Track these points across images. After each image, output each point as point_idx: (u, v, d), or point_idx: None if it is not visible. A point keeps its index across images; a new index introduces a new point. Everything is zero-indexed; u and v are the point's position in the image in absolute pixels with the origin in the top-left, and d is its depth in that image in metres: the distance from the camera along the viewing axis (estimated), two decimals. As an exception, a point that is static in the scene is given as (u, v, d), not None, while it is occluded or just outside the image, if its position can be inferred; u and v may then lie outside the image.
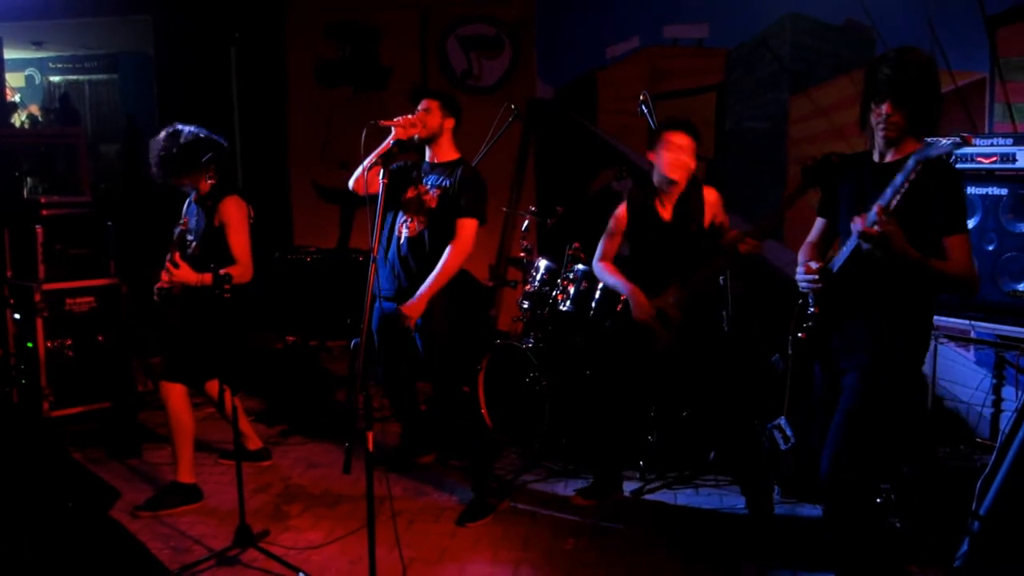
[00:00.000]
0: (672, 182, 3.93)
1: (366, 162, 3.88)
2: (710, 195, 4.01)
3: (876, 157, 2.85)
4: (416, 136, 3.99)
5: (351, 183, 4.06)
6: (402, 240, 4.06)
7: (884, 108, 2.70)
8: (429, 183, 4.06)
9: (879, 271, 2.74)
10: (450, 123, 4.09)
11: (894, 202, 2.59)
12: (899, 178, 2.58)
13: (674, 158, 3.89)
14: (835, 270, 2.87)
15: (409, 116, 3.99)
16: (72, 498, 3.83)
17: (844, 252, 2.83)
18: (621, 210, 4.13)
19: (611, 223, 4.17)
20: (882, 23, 5.28)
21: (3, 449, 3.85)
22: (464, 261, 4.00)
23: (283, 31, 7.28)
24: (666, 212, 4.00)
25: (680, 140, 3.89)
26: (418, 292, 3.94)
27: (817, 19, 5.58)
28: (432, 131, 4.04)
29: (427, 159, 4.14)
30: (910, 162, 2.56)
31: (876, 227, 2.57)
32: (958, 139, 2.47)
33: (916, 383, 3.23)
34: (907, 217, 2.62)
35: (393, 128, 3.90)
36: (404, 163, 4.17)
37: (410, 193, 4.09)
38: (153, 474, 4.54)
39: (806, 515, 4.00)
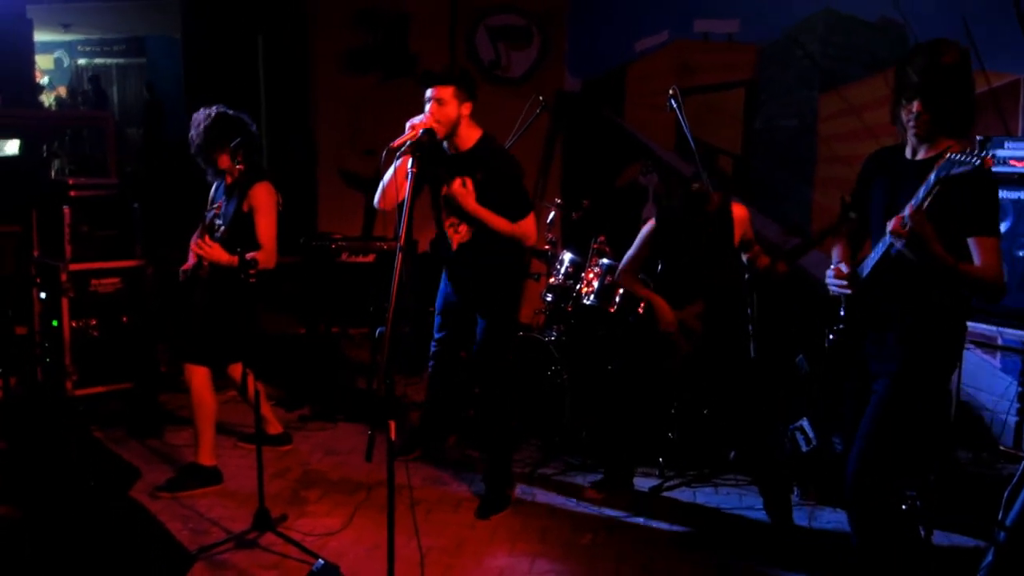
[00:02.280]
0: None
1: (386, 179, 3.78)
2: (739, 212, 4.05)
3: (909, 153, 2.79)
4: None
5: (376, 201, 3.87)
6: (454, 248, 3.94)
7: (915, 106, 2.65)
8: (462, 177, 3.81)
9: (911, 275, 2.69)
10: (467, 108, 3.77)
11: (926, 203, 2.55)
12: (931, 178, 2.53)
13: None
14: (864, 275, 2.81)
15: (422, 119, 3.62)
16: (94, 477, 3.87)
17: (874, 256, 2.77)
18: (650, 228, 4.12)
19: (640, 238, 4.16)
20: (916, 21, 5.20)
21: (27, 427, 3.89)
22: (529, 243, 3.90)
23: (311, 18, 7.28)
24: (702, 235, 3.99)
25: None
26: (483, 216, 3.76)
27: (850, 16, 5.51)
28: (450, 124, 3.73)
29: (447, 150, 3.87)
30: (932, 176, 2.51)
31: (907, 227, 2.53)
32: (976, 161, 2.40)
33: (945, 390, 3.16)
34: (936, 218, 2.57)
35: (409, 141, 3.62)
36: (424, 144, 3.64)
37: (445, 191, 3.84)
38: (174, 455, 4.56)
39: (826, 518, 3.97)
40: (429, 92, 3.74)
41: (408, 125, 3.57)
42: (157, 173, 10.35)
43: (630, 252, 4.21)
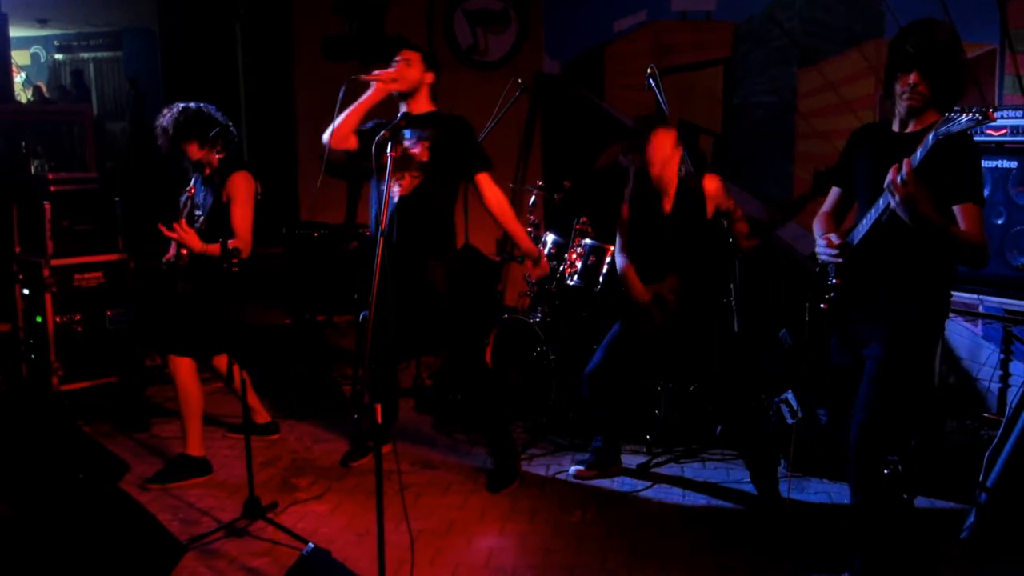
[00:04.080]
0: (664, 180, 3.96)
1: (343, 115, 3.87)
2: (711, 184, 3.98)
3: (896, 127, 2.86)
4: (396, 91, 3.91)
5: (326, 136, 3.96)
6: (396, 199, 3.93)
7: (911, 77, 2.72)
8: (409, 137, 3.94)
9: (900, 242, 2.73)
10: (430, 78, 3.99)
11: (922, 164, 2.59)
12: (929, 140, 2.55)
13: (662, 156, 3.91)
14: (855, 243, 2.86)
15: (389, 69, 3.89)
16: (83, 470, 3.86)
17: (865, 224, 2.81)
18: (624, 208, 4.13)
19: (620, 218, 4.18)
20: (892, -6, 5.21)
21: (16, 423, 3.88)
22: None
23: (289, 6, 7.23)
24: (667, 204, 3.99)
25: (663, 138, 3.91)
26: (521, 244, 4.04)
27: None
28: (412, 84, 3.93)
29: (401, 113, 4.01)
30: (930, 137, 2.54)
31: (903, 186, 2.56)
32: (978, 116, 2.42)
33: (932, 353, 3.25)
34: (926, 182, 2.61)
35: (373, 84, 3.84)
36: (376, 121, 4.01)
37: (394, 153, 4.00)
38: (162, 448, 4.57)
39: (812, 489, 4.01)
40: (399, 55, 3.95)
41: (375, 72, 3.86)
42: (141, 166, 10.28)
43: (618, 235, 4.18)
